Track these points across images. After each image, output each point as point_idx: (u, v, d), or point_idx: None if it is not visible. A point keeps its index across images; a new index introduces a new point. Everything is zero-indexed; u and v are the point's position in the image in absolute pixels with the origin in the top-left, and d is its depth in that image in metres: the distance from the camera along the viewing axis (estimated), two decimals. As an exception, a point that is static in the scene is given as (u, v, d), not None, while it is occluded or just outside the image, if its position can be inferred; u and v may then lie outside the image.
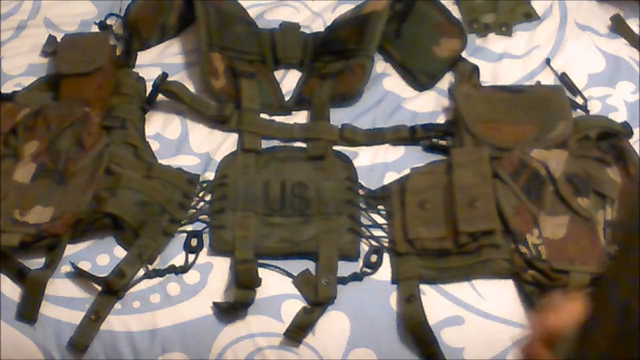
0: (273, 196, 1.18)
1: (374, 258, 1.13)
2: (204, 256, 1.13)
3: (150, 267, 1.12)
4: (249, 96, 1.31)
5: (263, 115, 1.31)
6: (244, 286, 1.08)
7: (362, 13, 1.37)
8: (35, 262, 1.11)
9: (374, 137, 1.28)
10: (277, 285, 1.11)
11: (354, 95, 1.33)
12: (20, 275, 1.10)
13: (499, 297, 1.09)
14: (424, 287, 1.10)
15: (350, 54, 1.34)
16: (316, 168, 1.23)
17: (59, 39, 1.39)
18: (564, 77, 1.34)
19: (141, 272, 1.11)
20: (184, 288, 1.10)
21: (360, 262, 1.13)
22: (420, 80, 1.35)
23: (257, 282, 1.08)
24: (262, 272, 1.11)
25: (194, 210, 1.18)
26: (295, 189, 1.19)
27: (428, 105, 1.32)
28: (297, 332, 1.06)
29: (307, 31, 1.44)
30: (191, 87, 1.33)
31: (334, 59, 1.35)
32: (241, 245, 1.12)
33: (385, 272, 1.12)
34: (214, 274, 1.12)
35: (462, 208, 1.12)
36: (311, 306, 1.08)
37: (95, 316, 1.07)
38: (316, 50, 1.39)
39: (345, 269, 1.12)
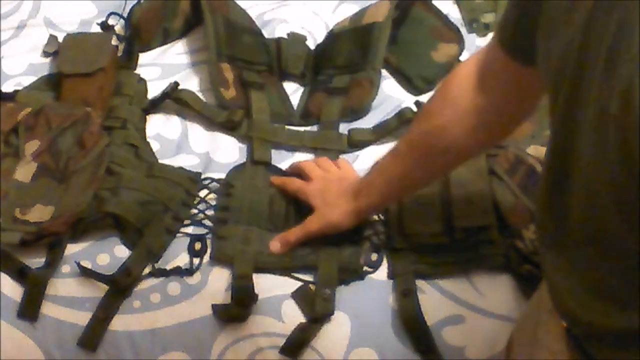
0: (277, 211, 1.18)
1: (374, 257, 1.13)
2: (205, 257, 1.13)
3: (156, 266, 1.11)
4: (258, 108, 1.30)
5: None
6: (240, 303, 1.07)
7: (362, 24, 1.37)
8: (36, 262, 1.11)
9: (381, 130, 1.28)
10: (277, 285, 1.10)
11: (364, 110, 1.32)
12: (21, 274, 1.09)
13: (498, 294, 1.10)
14: (423, 286, 1.10)
15: (356, 68, 1.34)
16: None
17: (59, 39, 1.39)
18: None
19: (146, 270, 1.11)
20: (184, 288, 1.10)
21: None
22: (417, 85, 1.35)
23: (253, 299, 1.07)
24: (262, 273, 1.11)
25: (197, 211, 1.18)
26: (301, 205, 1.17)
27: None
28: (294, 349, 1.05)
29: (308, 34, 1.44)
30: (193, 88, 1.34)
31: (339, 72, 1.35)
32: (241, 259, 1.12)
33: (385, 271, 1.12)
34: (215, 274, 1.12)
35: (458, 204, 1.12)
36: (309, 322, 1.06)
37: (104, 315, 1.06)
38: (318, 63, 1.38)
39: (346, 268, 1.12)
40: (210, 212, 1.18)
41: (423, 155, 1.02)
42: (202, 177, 1.23)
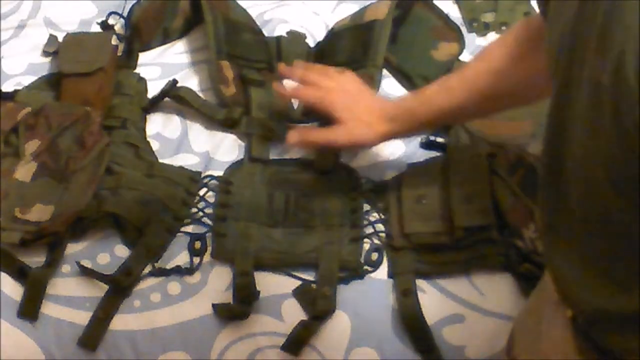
0: (277, 208, 1.18)
1: (374, 256, 1.13)
2: (205, 256, 1.13)
3: (156, 266, 1.12)
4: (258, 105, 1.30)
5: None
6: (241, 300, 1.07)
7: (363, 22, 1.37)
8: (36, 262, 1.11)
9: None
10: (277, 284, 1.10)
11: None
12: (21, 274, 1.09)
13: (499, 293, 1.10)
14: (424, 286, 1.10)
15: (357, 65, 1.33)
16: (322, 180, 1.22)
17: (59, 39, 1.39)
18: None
19: (146, 270, 1.11)
20: (184, 287, 1.10)
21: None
22: (418, 84, 1.35)
23: (255, 296, 1.07)
24: (262, 272, 1.11)
25: (196, 210, 1.18)
26: (300, 201, 1.18)
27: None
28: (295, 346, 1.05)
29: (308, 34, 1.44)
30: (193, 87, 1.33)
31: (339, 70, 1.35)
32: (241, 256, 1.12)
33: (385, 270, 1.12)
34: (215, 273, 1.12)
35: (458, 203, 1.12)
36: (310, 319, 1.07)
37: (104, 315, 1.06)
38: (318, 61, 1.38)
39: (346, 267, 1.11)
40: (209, 211, 1.18)
41: (475, 92, 1.06)
42: (203, 175, 1.23)
